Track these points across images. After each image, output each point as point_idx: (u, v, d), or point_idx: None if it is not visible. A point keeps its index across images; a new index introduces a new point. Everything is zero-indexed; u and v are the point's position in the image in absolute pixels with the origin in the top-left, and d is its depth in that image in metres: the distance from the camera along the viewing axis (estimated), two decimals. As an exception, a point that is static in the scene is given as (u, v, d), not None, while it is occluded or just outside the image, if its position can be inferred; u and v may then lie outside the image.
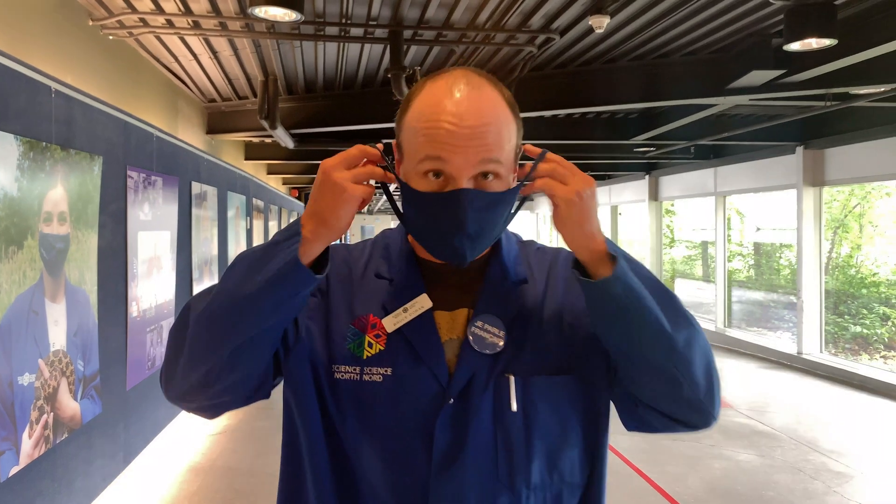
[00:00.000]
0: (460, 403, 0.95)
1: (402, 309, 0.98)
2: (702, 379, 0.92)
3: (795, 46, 4.14)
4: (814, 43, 4.09)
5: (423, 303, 0.99)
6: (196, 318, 0.90)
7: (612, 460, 4.93)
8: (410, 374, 0.96)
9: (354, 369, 0.97)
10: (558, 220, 0.90)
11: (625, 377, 0.96)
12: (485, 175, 0.90)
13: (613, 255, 0.88)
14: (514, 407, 0.95)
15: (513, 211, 0.96)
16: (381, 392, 0.96)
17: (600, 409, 1.01)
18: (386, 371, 0.96)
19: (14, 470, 2.79)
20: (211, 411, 0.99)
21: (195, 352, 0.89)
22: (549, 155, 0.92)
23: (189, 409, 0.98)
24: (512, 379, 0.96)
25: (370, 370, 0.96)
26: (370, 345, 0.98)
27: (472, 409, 0.94)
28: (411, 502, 0.93)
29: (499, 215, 0.93)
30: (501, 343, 0.97)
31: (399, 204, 0.98)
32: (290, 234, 0.87)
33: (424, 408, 0.94)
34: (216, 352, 0.88)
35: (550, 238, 18.56)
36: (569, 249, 0.98)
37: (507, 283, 1.02)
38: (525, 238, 1.13)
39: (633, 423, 1.01)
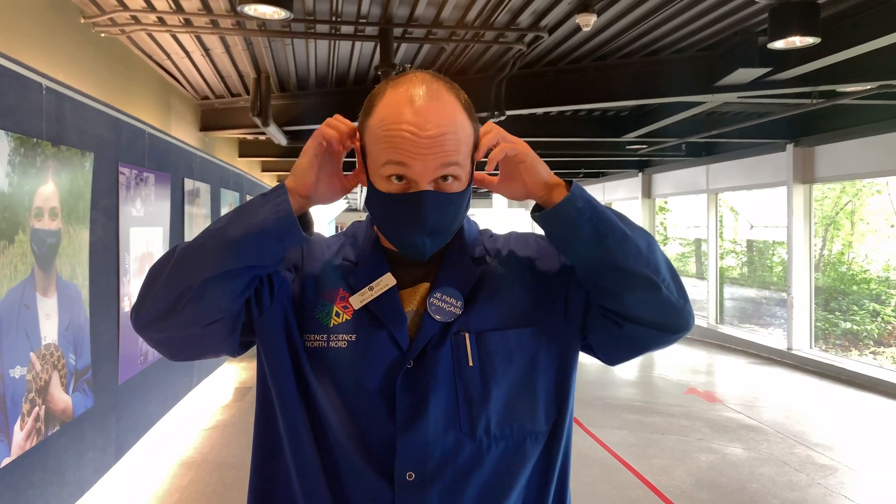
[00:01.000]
0: (419, 365, 1.02)
1: (367, 287, 1.06)
2: (671, 279, 1.01)
3: (779, 45, 4.19)
4: (797, 41, 4.14)
5: (387, 281, 1.06)
6: (181, 250, 0.99)
7: (600, 454, 5.01)
8: (373, 340, 1.03)
9: (322, 336, 1.05)
10: (525, 169, 1.02)
11: (607, 298, 1.03)
12: (444, 178, 0.98)
13: (568, 181, 1.02)
14: (472, 362, 1.03)
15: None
16: (345, 357, 1.03)
17: (565, 359, 1.08)
18: (350, 338, 1.04)
19: (6, 461, 2.84)
20: (178, 347, 1.04)
21: (173, 275, 0.97)
22: (489, 125, 1.02)
23: (156, 342, 1.04)
24: (467, 336, 1.03)
25: (336, 337, 1.04)
26: (337, 314, 1.06)
27: (431, 369, 1.01)
28: (380, 458, 1.00)
29: (457, 213, 1.02)
30: (459, 312, 1.05)
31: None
32: (276, 188, 0.99)
33: (385, 371, 1.02)
34: (191, 277, 0.96)
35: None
36: (517, 232, 1.12)
37: (466, 259, 1.10)
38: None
39: (620, 349, 1.09)
